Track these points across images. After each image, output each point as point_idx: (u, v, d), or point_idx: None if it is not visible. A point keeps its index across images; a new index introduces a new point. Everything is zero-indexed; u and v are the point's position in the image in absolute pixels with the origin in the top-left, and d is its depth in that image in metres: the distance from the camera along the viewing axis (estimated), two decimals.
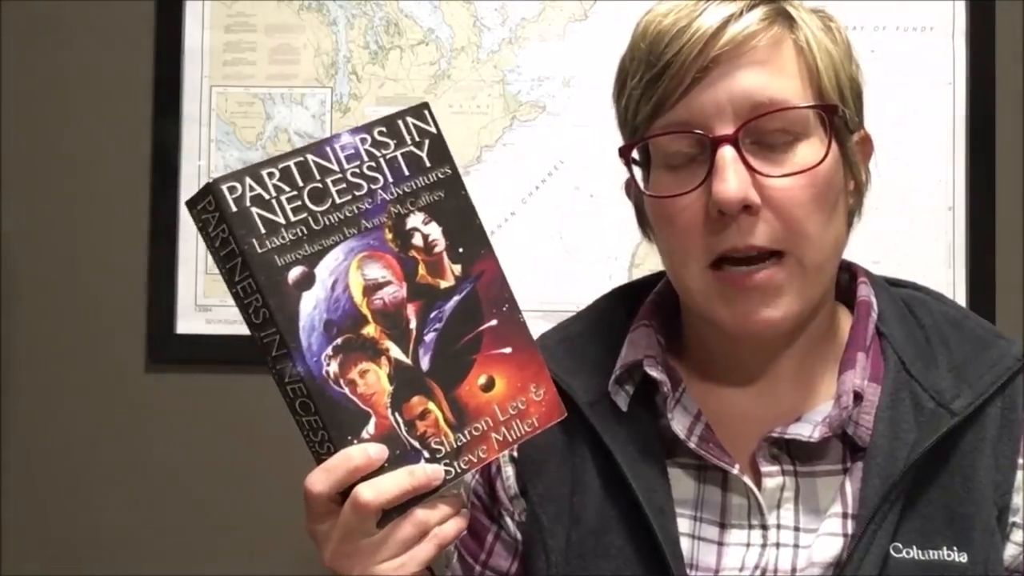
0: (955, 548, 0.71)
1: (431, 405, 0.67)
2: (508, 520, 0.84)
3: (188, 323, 1.34)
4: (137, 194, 1.35)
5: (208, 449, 1.35)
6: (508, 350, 0.70)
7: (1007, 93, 1.33)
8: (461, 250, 0.69)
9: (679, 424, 0.75)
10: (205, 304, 1.35)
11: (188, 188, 1.35)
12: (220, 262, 0.65)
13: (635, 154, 0.77)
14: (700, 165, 0.71)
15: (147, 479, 1.35)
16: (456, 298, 0.69)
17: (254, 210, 0.64)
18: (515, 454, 0.83)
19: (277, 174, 0.65)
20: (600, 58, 1.33)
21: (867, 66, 0.80)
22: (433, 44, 1.35)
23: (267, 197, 0.64)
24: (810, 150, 0.71)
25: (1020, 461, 0.73)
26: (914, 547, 0.71)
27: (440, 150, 0.70)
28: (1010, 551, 0.73)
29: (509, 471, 0.83)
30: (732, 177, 0.68)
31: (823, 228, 0.71)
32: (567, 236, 1.34)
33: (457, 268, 0.69)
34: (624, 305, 0.85)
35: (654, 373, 0.76)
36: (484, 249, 0.70)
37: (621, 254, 1.34)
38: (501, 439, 0.69)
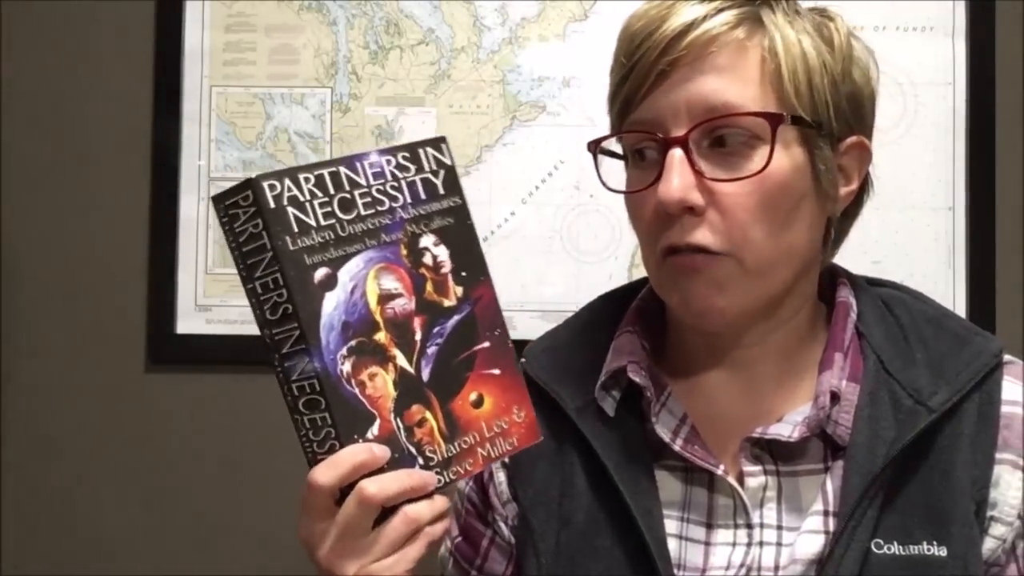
0: (935, 542, 0.71)
1: (428, 414, 0.70)
2: (502, 525, 0.85)
3: (188, 323, 1.34)
4: (137, 194, 1.35)
5: (208, 449, 1.35)
6: (497, 372, 0.74)
7: (1007, 93, 1.33)
8: (464, 274, 0.73)
9: (664, 428, 0.76)
10: (205, 304, 1.35)
11: (188, 188, 1.35)
12: (242, 257, 0.68)
13: (619, 150, 0.80)
14: (657, 164, 0.73)
15: (147, 479, 1.35)
16: (457, 317, 0.72)
17: (290, 209, 0.67)
18: (506, 460, 0.83)
19: (312, 179, 0.69)
20: (600, 58, 1.32)
21: None
22: (433, 44, 1.35)
23: (302, 199, 0.68)
24: (762, 156, 0.71)
25: (997, 456, 0.74)
26: (895, 543, 0.72)
27: (453, 181, 0.74)
28: (988, 544, 0.73)
29: (501, 477, 0.84)
30: (674, 179, 0.70)
31: (770, 234, 0.72)
32: (567, 236, 1.34)
33: (459, 290, 0.73)
34: (609, 312, 0.86)
35: (638, 379, 0.77)
36: (483, 276, 0.74)
37: (621, 254, 1.34)
38: (485, 454, 0.72)
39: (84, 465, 1.35)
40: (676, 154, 0.71)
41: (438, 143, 0.75)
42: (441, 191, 0.73)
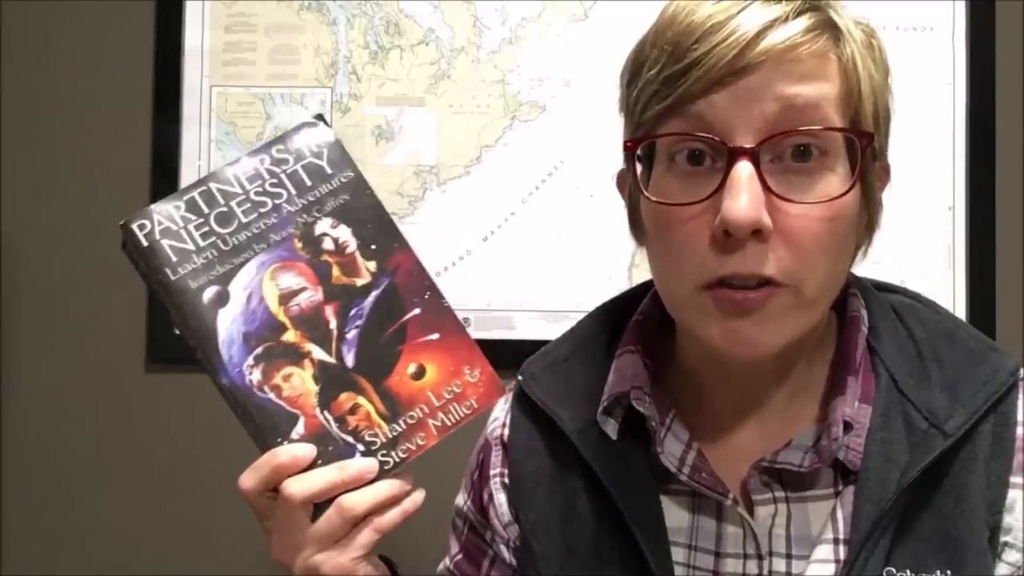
0: (949, 571, 0.69)
1: (361, 399, 0.69)
2: (503, 547, 0.83)
3: None
4: (137, 194, 1.35)
5: (208, 449, 1.35)
6: (435, 336, 0.71)
7: (1007, 93, 1.33)
8: (374, 247, 0.71)
9: (669, 456, 0.73)
10: None
11: None
12: (154, 294, 0.70)
13: (638, 150, 0.72)
14: (712, 175, 0.65)
15: (147, 479, 1.35)
16: (375, 293, 0.70)
17: (164, 242, 0.69)
18: (507, 480, 0.82)
19: (183, 206, 0.70)
20: (600, 58, 1.33)
21: None
22: (433, 44, 1.35)
23: (175, 228, 0.69)
24: (834, 179, 0.66)
25: (1011, 480, 0.71)
26: (908, 571, 0.69)
27: (340, 156, 0.72)
28: (1002, 571, 0.70)
29: (501, 498, 0.82)
30: (745, 195, 0.63)
31: (831, 264, 0.67)
32: (567, 236, 1.34)
33: (372, 265, 0.71)
34: (607, 326, 0.83)
35: (641, 408, 0.74)
36: (397, 243, 0.72)
37: (621, 254, 1.34)
38: (440, 424, 0.70)
39: (84, 465, 1.35)
40: (745, 168, 0.63)
41: (313, 123, 0.73)
42: (328, 170, 0.72)
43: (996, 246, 1.32)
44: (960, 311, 1.31)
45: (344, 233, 0.71)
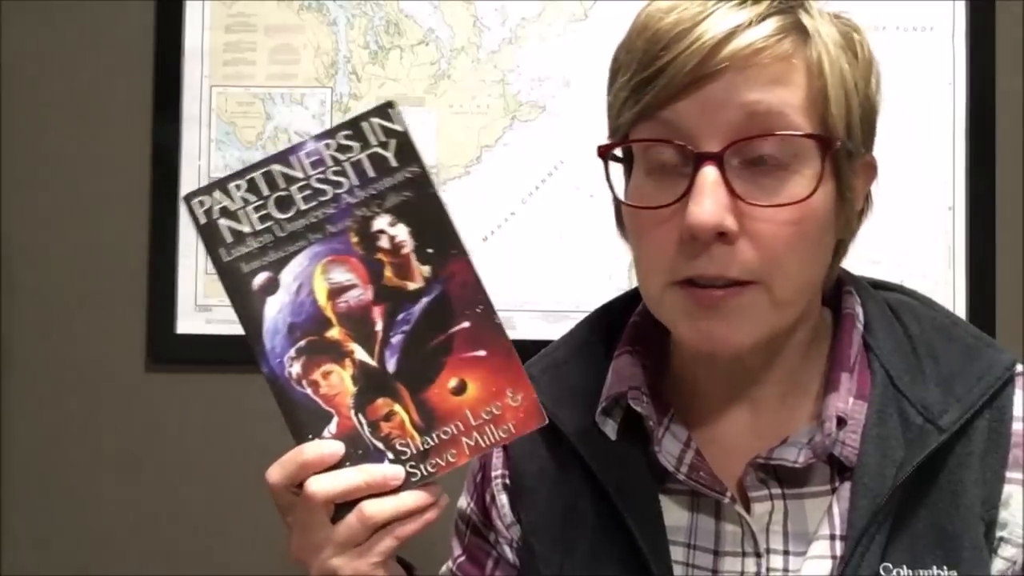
0: (945, 567, 0.69)
1: (397, 407, 0.67)
2: (506, 548, 0.83)
3: (188, 323, 1.34)
4: (137, 194, 1.35)
5: (208, 449, 1.35)
6: (482, 353, 0.68)
7: (1007, 93, 1.33)
8: (430, 251, 0.68)
9: (668, 455, 0.74)
10: (205, 304, 1.35)
11: (188, 188, 1.34)
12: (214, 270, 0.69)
13: (618, 152, 0.74)
14: (681, 179, 0.67)
15: (147, 479, 1.35)
16: (425, 300, 0.68)
17: (221, 222, 0.68)
18: (507, 482, 0.82)
19: (244, 185, 0.68)
20: (600, 58, 1.32)
21: None
22: (433, 44, 1.35)
23: (233, 208, 0.68)
24: (802, 181, 0.67)
25: (1007, 475, 0.71)
26: (904, 567, 0.69)
27: (408, 149, 0.69)
28: (998, 566, 0.71)
29: (503, 499, 0.83)
30: (708, 200, 0.64)
31: (802, 264, 0.68)
32: (567, 236, 1.34)
33: (426, 269, 0.68)
34: (606, 328, 0.83)
35: (639, 408, 0.74)
36: (455, 250, 0.68)
37: (621, 254, 1.32)
38: (473, 444, 0.67)
39: (84, 465, 1.35)
40: (710, 173, 0.65)
41: (384, 110, 0.69)
42: (394, 163, 0.68)
43: (996, 246, 1.32)
44: (960, 311, 1.31)
45: (402, 232, 0.68)
